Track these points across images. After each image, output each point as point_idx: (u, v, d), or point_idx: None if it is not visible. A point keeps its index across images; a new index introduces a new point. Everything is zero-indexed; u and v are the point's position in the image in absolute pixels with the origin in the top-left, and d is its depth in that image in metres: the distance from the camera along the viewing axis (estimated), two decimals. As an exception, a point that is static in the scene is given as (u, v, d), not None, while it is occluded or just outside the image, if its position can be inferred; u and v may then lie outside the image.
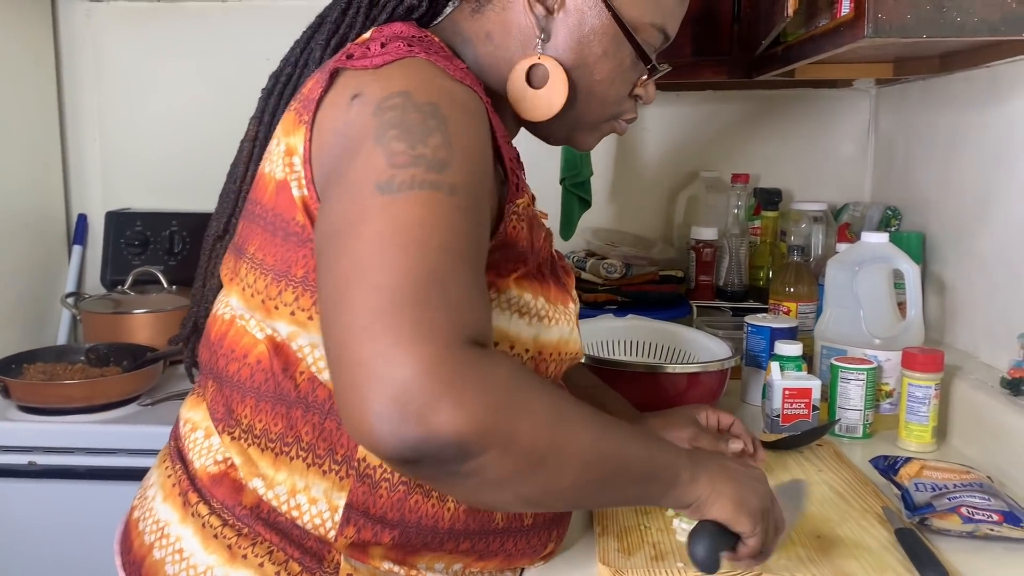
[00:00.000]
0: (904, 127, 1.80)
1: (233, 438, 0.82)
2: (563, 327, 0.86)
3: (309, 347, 0.79)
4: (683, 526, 0.96)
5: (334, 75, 0.77)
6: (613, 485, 0.72)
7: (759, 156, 2.01)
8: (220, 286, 0.91)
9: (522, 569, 0.92)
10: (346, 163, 0.71)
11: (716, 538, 0.77)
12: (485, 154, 0.75)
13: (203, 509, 0.83)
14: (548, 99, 0.86)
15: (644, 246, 1.95)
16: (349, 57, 0.77)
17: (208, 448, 0.84)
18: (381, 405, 0.59)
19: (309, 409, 0.79)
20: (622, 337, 1.51)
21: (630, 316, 1.58)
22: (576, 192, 1.87)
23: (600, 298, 1.77)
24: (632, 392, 1.29)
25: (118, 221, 2.04)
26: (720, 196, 1.92)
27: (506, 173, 0.80)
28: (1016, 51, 1.26)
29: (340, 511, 0.79)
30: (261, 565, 0.79)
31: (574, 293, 0.93)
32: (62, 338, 2.02)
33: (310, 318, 0.78)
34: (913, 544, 0.92)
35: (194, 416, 0.88)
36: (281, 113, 0.89)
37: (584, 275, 1.81)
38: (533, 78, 0.86)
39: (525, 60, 0.86)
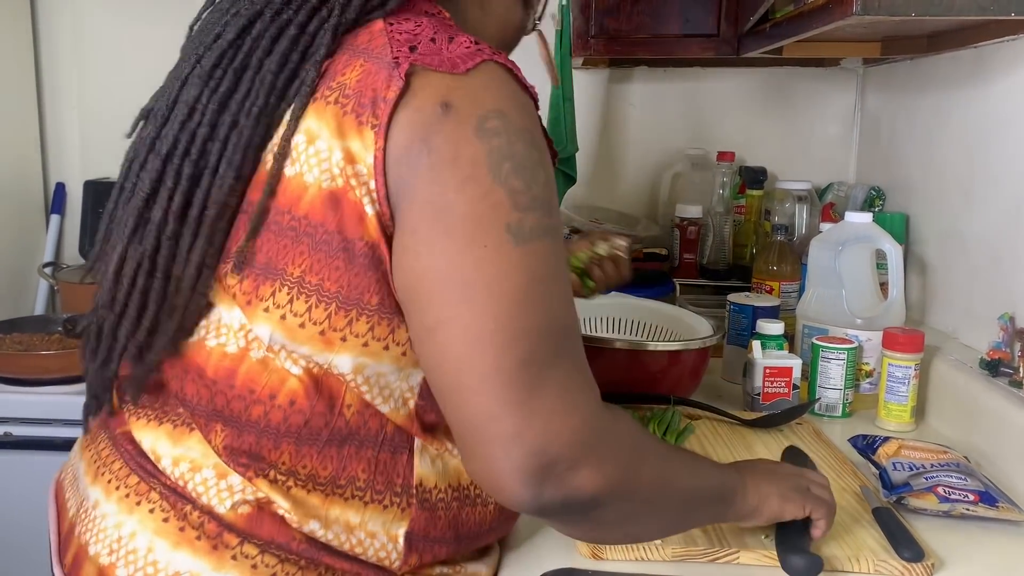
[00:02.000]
0: (890, 107, 1.80)
1: (271, 481, 0.75)
2: None
3: (376, 377, 0.74)
4: None
5: (410, 75, 0.68)
6: (697, 514, 0.82)
7: (745, 134, 2.00)
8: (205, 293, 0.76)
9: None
10: (451, 188, 0.66)
11: (797, 541, 0.84)
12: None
13: (251, 550, 0.74)
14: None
15: (628, 223, 1.94)
16: (412, 49, 0.70)
17: (229, 489, 0.75)
18: (530, 473, 0.64)
19: (362, 445, 0.76)
20: (605, 314, 1.51)
21: (613, 294, 1.58)
22: (561, 168, 1.85)
23: (583, 275, 1.76)
24: (614, 369, 1.29)
25: (96, 190, 2.01)
26: (705, 174, 1.92)
27: None
28: (1003, 32, 1.25)
29: (401, 540, 0.78)
30: None
31: None
32: (39, 308, 2.00)
33: (386, 348, 0.73)
34: (890, 522, 0.92)
35: (189, 453, 0.76)
36: (277, 93, 0.73)
37: (568, 251, 1.80)
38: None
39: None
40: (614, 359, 1.30)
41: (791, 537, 0.86)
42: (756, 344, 1.33)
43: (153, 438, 0.79)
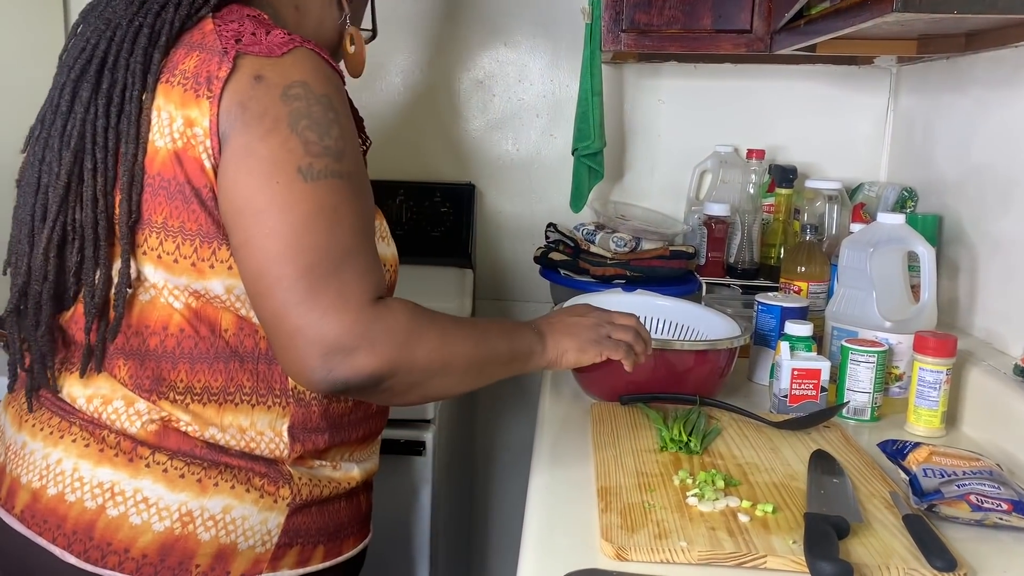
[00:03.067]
0: (924, 106, 1.77)
1: (171, 401, 0.93)
2: (393, 242, 1.05)
3: (235, 296, 0.91)
4: (700, 506, 0.96)
5: (237, 58, 0.87)
6: (489, 373, 0.98)
7: (775, 132, 1.97)
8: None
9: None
10: (256, 137, 0.85)
11: (826, 547, 0.84)
12: (355, 132, 0.93)
13: (161, 457, 0.92)
14: (361, 58, 1.10)
15: (655, 220, 1.92)
16: (238, 41, 0.88)
17: (136, 413, 0.93)
18: (316, 360, 0.83)
19: (245, 359, 0.94)
20: (629, 312, 1.49)
21: (639, 291, 1.56)
22: (588, 163, 1.84)
23: (609, 272, 1.74)
24: (639, 368, 1.28)
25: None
26: (734, 172, 1.89)
27: (358, 126, 1.00)
28: (1046, 31, 1.23)
29: (285, 433, 0.96)
30: (232, 487, 0.93)
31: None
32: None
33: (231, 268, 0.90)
34: (920, 530, 0.90)
35: (100, 391, 0.94)
36: (121, 86, 0.90)
37: (593, 248, 1.79)
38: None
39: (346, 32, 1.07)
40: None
41: (820, 543, 0.84)
42: (784, 345, 1.31)
43: (68, 385, 0.96)
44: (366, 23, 1.15)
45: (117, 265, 0.91)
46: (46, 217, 0.91)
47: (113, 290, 0.92)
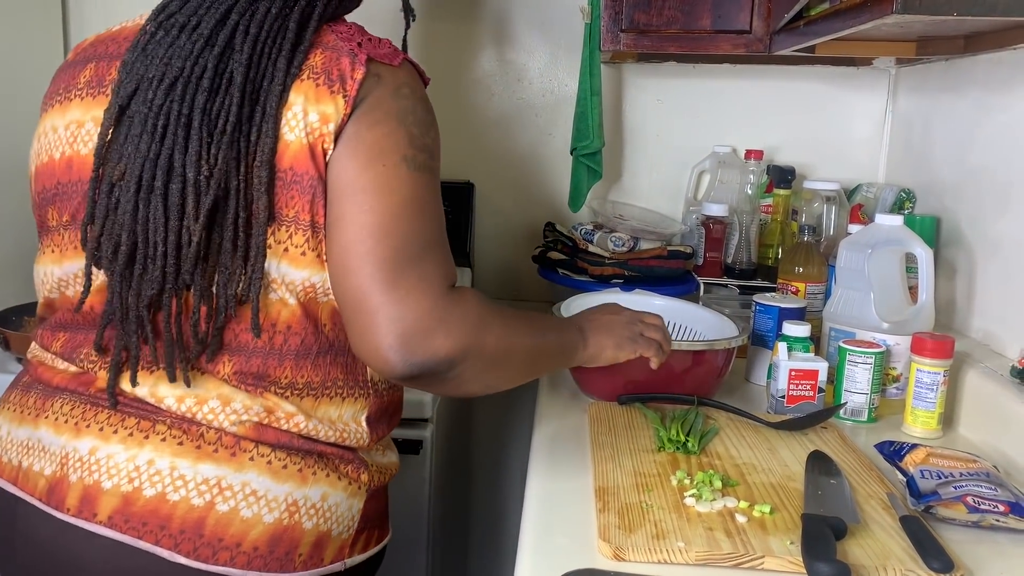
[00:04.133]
0: (923, 108, 1.77)
1: (272, 393, 0.94)
2: None
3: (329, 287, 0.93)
4: (698, 507, 0.96)
5: (369, 62, 0.92)
6: (542, 365, 1.07)
7: (773, 133, 1.97)
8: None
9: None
10: (364, 126, 0.89)
11: (823, 548, 0.84)
12: None
13: (265, 450, 0.93)
14: None
15: (653, 220, 1.92)
16: (359, 44, 0.93)
17: (234, 412, 0.92)
18: (396, 340, 0.86)
19: (338, 353, 0.97)
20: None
21: (636, 291, 1.56)
22: (586, 163, 1.84)
23: (607, 272, 1.74)
24: (637, 368, 1.28)
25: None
26: (732, 172, 1.89)
27: None
28: (1045, 33, 1.23)
29: (364, 423, 1.00)
30: (327, 475, 0.96)
31: None
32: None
33: None
34: (918, 532, 0.90)
35: (194, 391, 0.92)
36: (249, 79, 0.90)
37: (591, 248, 1.79)
38: None
39: None
40: (638, 358, 1.28)
41: (817, 544, 0.84)
42: (782, 346, 1.31)
43: (149, 385, 0.93)
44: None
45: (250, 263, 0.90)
46: (187, 209, 0.88)
47: (239, 288, 0.90)
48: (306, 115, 0.89)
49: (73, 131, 0.97)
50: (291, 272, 0.91)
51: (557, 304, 1.43)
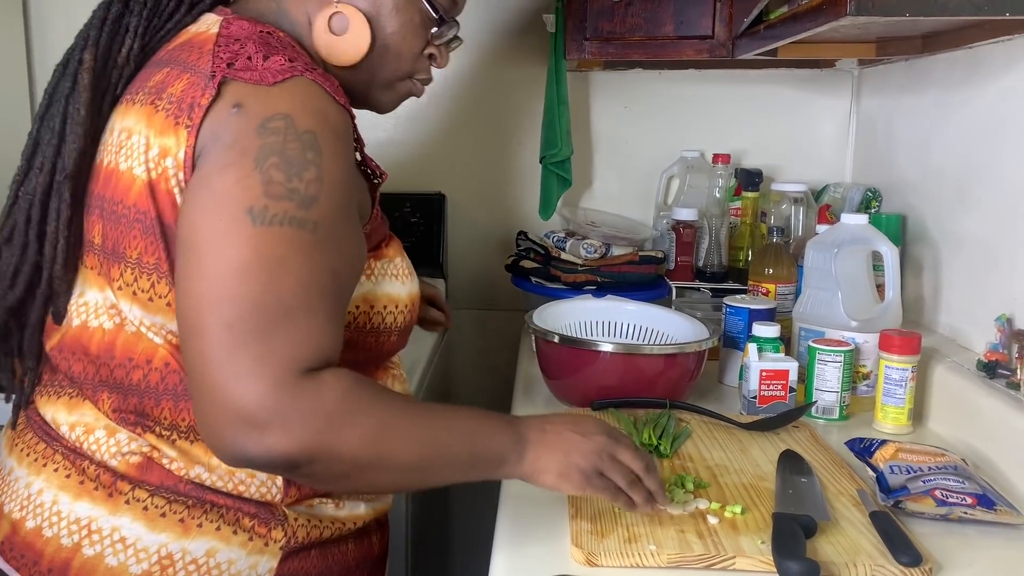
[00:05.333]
0: (886, 108, 1.80)
1: (156, 435, 0.86)
2: (414, 277, 0.98)
3: None
4: (670, 509, 0.96)
5: (222, 84, 0.81)
6: (441, 474, 0.84)
7: (740, 136, 1.99)
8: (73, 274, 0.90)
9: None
10: (216, 168, 0.77)
11: (793, 546, 0.84)
12: (351, 177, 0.85)
13: (141, 494, 0.85)
14: (354, 43, 0.92)
15: (624, 226, 1.93)
16: (230, 65, 0.81)
17: (117, 444, 0.86)
18: (226, 427, 0.73)
19: None
20: (600, 318, 1.50)
21: (608, 297, 1.57)
22: (556, 171, 1.85)
23: (579, 279, 1.75)
24: (609, 373, 1.29)
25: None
26: (701, 176, 1.91)
27: (369, 168, 0.95)
28: (998, 32, 1.25)
29: (279, 477, 0.87)
30: (218, 529, 0.85)
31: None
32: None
33: None
34: (887, 527, 0.91)
35: (84, 419, 0.88)
36: (100, 95, 0.89)
37: (564, 255, 1.79)
38: (334, 27, 0.92)
39: (326, 9, 0.92)
40: (610, 363, 1.29)
41: (788, 542, 0.85)
42: (752, 347, 1.32)
43: (53, 410, 0.90)
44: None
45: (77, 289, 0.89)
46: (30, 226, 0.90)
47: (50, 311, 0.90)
48: (148, 148, 0.82)
49: (122, 140, 0.87)
50: (145, 315, 0.85)
51: (530, 312, 1.43)
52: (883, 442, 1.11)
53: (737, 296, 1.51)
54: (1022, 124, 1.27)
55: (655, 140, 2.01)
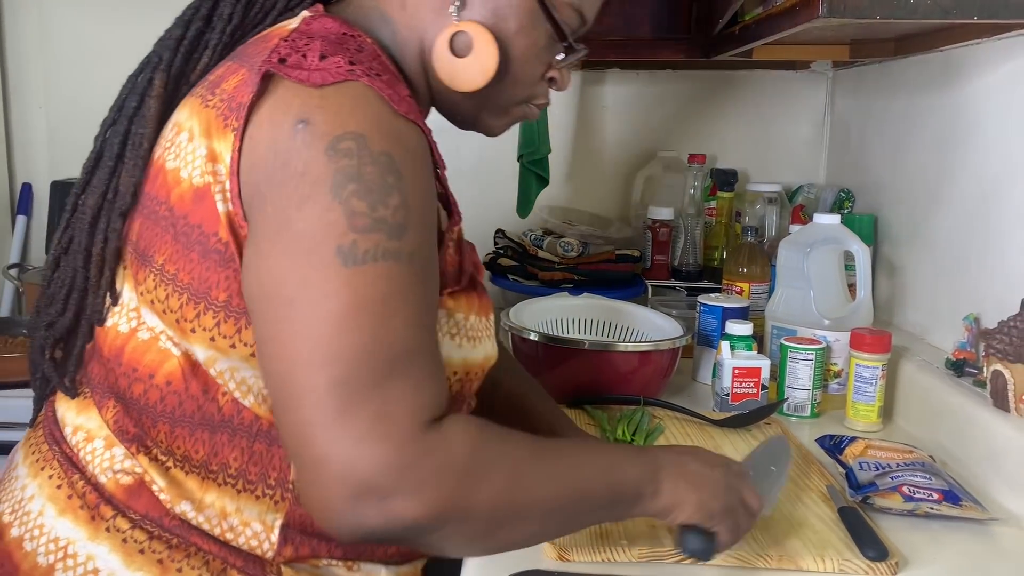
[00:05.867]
0: (859, 110, 1.82)
1: (151, 458, 0.77)
2: (487, 345, 0.85)
3: (229, 371, 0.76)
4: None
5: (266, 79, 0.72)
6: (577, 520, 0.77)
7: (716, 136, 2.01)
8: (112, 282, 0.82)
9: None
10: (293, 204, 0.67)
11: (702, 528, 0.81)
12: (433, 202, 0.75)
13: (123, 523, 0.77)
14: (480, 65, 0.81)
15: (601, 225, 1.94)
16: (281, 61, 0.72)
17: (110, 459, 0.78)
18: (343, 501, 0.63)
19: (236, 433, 0.77)
20: (576, 315, 1.51)
21: (585, 294, 1.58)
22: (534, 169, 1.85)
23: (556, 277, 1.76)
24: (584, 370, 1.30)
25: (63, 191, 1.98)
26: (677, 176, 1.92)
27: (447, 204, 0.81)
28: (968, 36, 1.27)
29: (276, 531, 0.77)
30: None
31: (490, 303, 0.88)
32: (4, 310, 1.97)
33: (232, 346, 0.75)
34: (855, 522, 0.93)
35: (88, 424, 0.81)
36: (183, 88, 0.83)
37: (541, 253, 1.80)
38: (455, 47, 0.81)
39: (447, 28, 0.81)
40: (585, 360, 1.30)
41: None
42: (725, 345, 1.33)
43: (65, 407, 0.84)
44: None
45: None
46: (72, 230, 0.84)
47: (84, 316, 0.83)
48: (196, 149, 0.75)
49: (172, 136, 0.80)
50: (163, 326, 0.78)
51: (506, 309, 1.44)
52: (853, 439, 1.12)
53: (711, 295, 1.52)
54: (991, 127, 1.29)
55: (632, 140, 2.02)
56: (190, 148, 0.75)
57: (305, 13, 0.80)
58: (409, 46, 0.83)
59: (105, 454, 0.79)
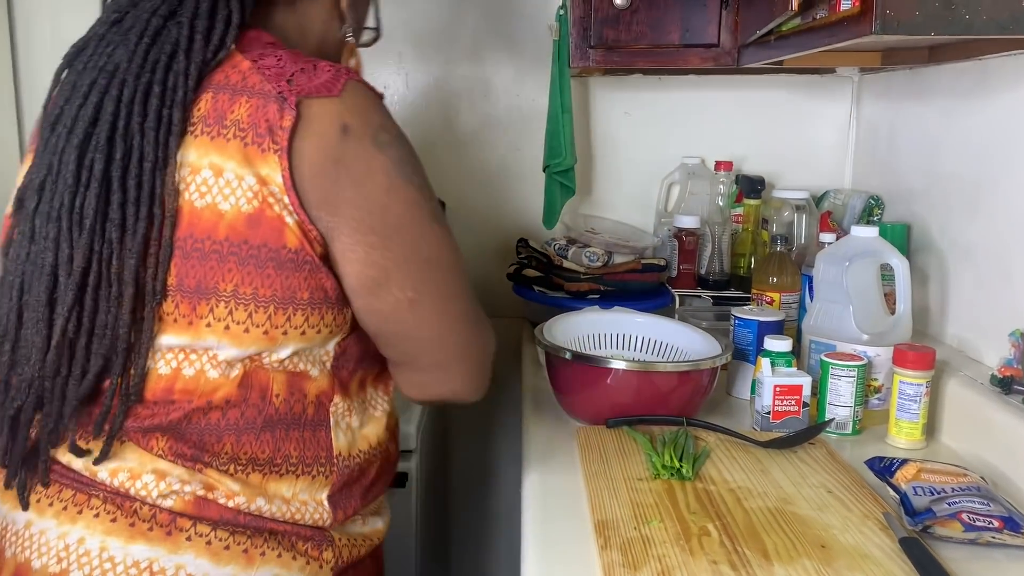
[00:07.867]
0: (888, 115, 1.79)
1: (218, 470, 0.86)
2: None
3: (307, 355, 0.89)
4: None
5: (282, 99, 0.81)
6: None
7: (741, 143, 1.98)
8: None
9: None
10: (382, 195, 0.85)
11: None
12: None
13: (204, 528, 0.85)
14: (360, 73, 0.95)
15: (626, 234, 1.92)
16: (288, 81, 0.82)
17: (167, 485, 0.85)
18: (481, 379, 0.98)
19: (290, 427, 0.89)
20: (608, 330, 1.49)
21: (616, 308, 1.56)
22: (559, 180, 1.83)
23: (583, 287, 1.74)
24: (623, 390, 1.28)
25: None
26: (702, 183, 1.90)
27: None
28: (1010, 46, 1.25)
29: (326, 502, 0.92)
30: (279, 555, 0.88)
31: None
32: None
33: (318, 332, 0.87)
34: (919, 555, 0.91)
35: (126, 464, 0.85)
36: (151, 126, 0.82)
37: (566, 263, 1.78)
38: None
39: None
40: (623, 380, 1.27)
41: None
42: (765, 362, 1.31)
43: (84, 458, 0.86)
44: (365, 24, 1.10)
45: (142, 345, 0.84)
46: (56, 305, 0.82)
47: (136, 373, 0.84)
48: (240, 180, 0.80)
49: (184, 176, 0.83)
50: (230, 348, 0.84)
51: (539, 326, 1.41)
52: (904, 461, 1.10)
53: (745, 307, 1.50)
54: (1035, 138, 1.27)
55: (655, 146, 2.00)
56: (222, 182, 0.81)
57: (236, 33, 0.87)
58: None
59: (160, 484, 0.85)
